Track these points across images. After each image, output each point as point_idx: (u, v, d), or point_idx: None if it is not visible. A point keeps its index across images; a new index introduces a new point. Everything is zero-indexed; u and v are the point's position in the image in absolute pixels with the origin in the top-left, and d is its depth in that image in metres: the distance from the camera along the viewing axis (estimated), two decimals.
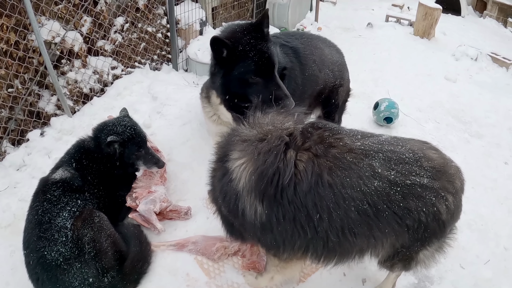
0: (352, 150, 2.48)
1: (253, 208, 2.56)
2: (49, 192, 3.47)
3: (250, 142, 2.59)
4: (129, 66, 6.47)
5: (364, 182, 2.39)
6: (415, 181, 2.42)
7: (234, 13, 9.00)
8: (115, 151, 3.81)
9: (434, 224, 2.54)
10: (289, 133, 2.59)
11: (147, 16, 6.57)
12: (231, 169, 2.62)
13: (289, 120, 2.76)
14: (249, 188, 2.53)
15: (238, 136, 2.70)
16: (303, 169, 2.44)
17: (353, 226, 2.46)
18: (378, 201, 2.40)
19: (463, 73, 8.59)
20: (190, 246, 3.78)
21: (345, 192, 2.39)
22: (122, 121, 3.90)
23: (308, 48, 4.21)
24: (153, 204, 3.87)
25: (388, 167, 2.43)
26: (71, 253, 3.19)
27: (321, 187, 2.39)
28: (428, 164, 2.51)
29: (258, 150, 2.51)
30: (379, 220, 2.45)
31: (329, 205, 2.41)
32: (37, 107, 5.19)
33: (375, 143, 2.54)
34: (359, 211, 2.41)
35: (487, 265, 3.98)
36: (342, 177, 2.40)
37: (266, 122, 2.73)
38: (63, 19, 5.21)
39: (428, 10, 9.90)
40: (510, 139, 6.23)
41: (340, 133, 2.62)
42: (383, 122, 5.94)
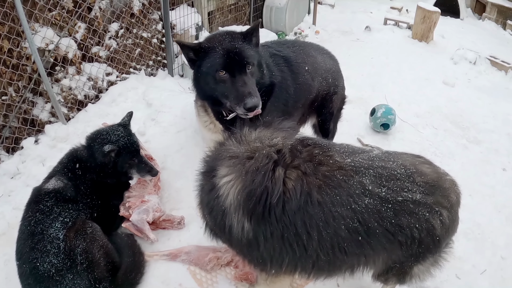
0: (342, 167, 2.46)
1: (240, 225, 2.53)
2: (42, 203, 3.45)
3: (238, 160, 2.56)
4: (124, 72, 6.43)
5: (354, 200, 2.37)
6: (407, 197, 2.41)
7: (231, 17, 8.97)
8: (110, 160, 3.78)
9: (428, 239, 2.52)
10: (277, 149, 2.56)
11: (142, 21, 6.54)
12: (219, 185, 2.58)
13: (277, 135, 2.72)
14: (236, 205, 2.50)
15: (226, 152, 2.66)
16: (292, 188, 2.41)
17: (343, 244, 2.44)
18: (368, 219, 2.38)
19: (462, 77, 8.55)
20: (183, 256, 3.75)
21: (335, 211, 2.37)
22: (116, 130, 3.88)
23: (300, 57, 4.17)
24: (146, 214, 3.84)
25: (379, 184, 2.41)
26: (63, 264, 3.18)
27: (310, 206, 2.37)
28: (421, 179, 2.49)
29: (246, 169, 2.48)
30: (370, 238, 2.43)
31: (319, 224, 2.38)
32: (31, 115, 5.17)
33: (366, 160, 2.52)
34: (350, 229, 2.39)
35: (484, 275, 3.94)
36: (332, 195, 2.38)
37: (254, 138, 2.69)
38: (57, 25, 5.18)
39: (426, 13, 9.86)
40: (509, 145, 6.19)
41: (330, 150, 2.58)
42: (380, 128, 5.89)
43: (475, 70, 8.97)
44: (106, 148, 3.63)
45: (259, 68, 3.61)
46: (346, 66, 4.82)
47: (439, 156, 5.63)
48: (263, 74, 3.65)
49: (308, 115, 4.63)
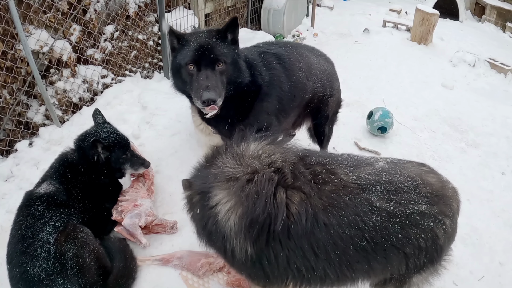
0: (347, 185, 2.40)
1: (243, 250, 2.47)
2: (33, 207, 3.43)
3: (236, 183, 2.44)
4: (119, 75, 6.40)
5: (361, 219, 2.34)
6: (413, 210, 2.40)
7: (228, 20, 8.89)
8: (100, 157, 3.80)
9: (432, 249, 2.51)
10: (276, 168, 2.47)
11: (138, 23, 6.50)
12: (218, 210, 2.48)
13: (276, 151, 2.62)
14: (237, 230, 2.43)
15: (222, 171, 2.53)
16: (296, 212, 2.34)
17: (351, 263, 2.43)
18: (376, 236, 2.36)
19: (460, 80, 8.52)
20: (175, 261, 3.72)
21: (342, 232, 2.33)
22: (103, 128, 3.91)
23: (293, 55, 4.14)
24: (138, 218, 3.80)
25: (387, 198, 2.39)
26: (53, 269, 3.15)
27: (317, 229, 2.33)
28: (426, 190, 2.48)
29: (246, 194, 2.38)
30: (377, 254, 2.41)
31: (327, 246, 2.35)
32: (26, 117, 5.14)
33: (372, 174, 2.47)
34: (357, 248, 2.37)
35: (481, 281, 3.88)
36: (338, 216, 2.33)
37: (252, 155, 2.59)
38: (52, 28, 5.14)
39: (425, 15, 9.84)
40: (508, 148, 6.14)
41: (333, 167, 2.51)
42: (377, 131, 5.84)
43: (474, 73, 8.94)
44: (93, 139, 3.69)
45: (234, 66, 3.60)
46: (343, 69, 4.79)
47: (437, 160, 5.58)
48: (239, 73, 3.64)
49: (304, 118, 4.59)
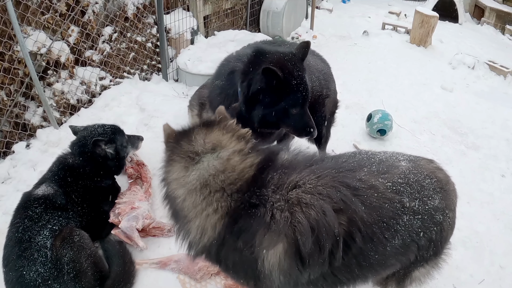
0: (386, 195, 2.40)
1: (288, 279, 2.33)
2: (31, 209, 3.41)
3: (285, 223, 2.21)
4: (117, 77, 6.39)
5: (396, 221, 2.39)
6: (430, 205, 2.50)
7: (227, 22, 8.94)
8: (108, 153, 3.92)
9: (438, 241, 2.61)
10: (323, 196, 2.28)
11: (137, 25, 6.49)
12: (262, 257, 2.25)
13: (305, 172, 2.39)
14: (286, 271, 2.27)
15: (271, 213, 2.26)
16: (347, 234, 2.29)
17: (385, 261, 2.50)
18: (404, 234, 2.42)
19: (460, 82, 8.49)
20: (173, 264, 3.70)
21: (384, 237, 2.36)
22: (92, 129, 4.04)
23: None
24: (135, 221, 3.78)
25: (414, 198, 2.45)
26: (50, 274, 3.13)
27: (365, 245, 2.33)
28: (438, 186, 2.59)
29: (303, 234, 2.19)
30: (403, 249, 2.49)
31: (370, 254, 2.38)
32: (23, 119, 5.13)
33: (402, 178, 2.50)
34: (392, 247, 2.42)
35: (482, 284, 3.85)
36: (380, 225, 2.35)
37: (284, 182, 2.35)
38: (50, 29, 5.13)
39: (424, 17, 9.82)
40: (508, 150, 6.11)
41: (368, 176, 2.44)
42: (377, 134, 5.82)
43: (474, 75, 8.91)
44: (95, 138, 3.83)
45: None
46: (343, 71, 4.77)
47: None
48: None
49: None
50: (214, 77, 3.81)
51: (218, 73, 3.81)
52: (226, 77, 3.54)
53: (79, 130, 4.07)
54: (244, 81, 3.30)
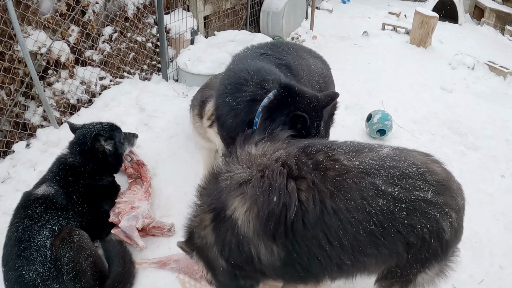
0: (350, 170, 2.40)
1: (269, 250, 2.48)
2: (31, 208, 3.42)
3: (248, 184, 2.46)
4: (117, 77, 6.39)
5: (368, 203, 2.33)
6: (419, 196, 2.37)
7: (227, 22, 8.95)
8: (106, 149, 3.96)
9: (437, 243, 2.48)
10: (283, 162, 2.48)
11: (137, 25, 6.49)
12: (236, 216, 2.47)
13: (279, 148, 2.63)
14: (258, 230, 2.43)
15: (231, 179, 2.54)
16: (305, 199, 2.35)
17: (363, 247, 2.43)
18: (383, 220, 2.35)
19: (460, 83, 8.48)
20: (172, 264, 3.70)
21: (351, 216, 2.34)
22: (94, 124, 4.09)
23: (297, 59, 4.10)
24: (135, 221, 3.78)
25: (392, 183, 2.37)
26: (49, 274, 3.14)
27: (327, 216, 2.34)
28: (432, 178, 2.45)
29: (261, 190, 2.40)
30: (385, 239, 2.40)
31: (338, 232, 2.36)
32: (23, 118, 5.12)
33: (376, 160, 2.45)
34: (367, 232, 2.37)
35: (481, 285, 3.86)
36: (345, 201, 2.34)
37: (257, 155, 2.61)
38: (50, 29, 5.13)
39: (424, 18, 9.83)
40: (507, 151, 6.11)
41: (334, 153, 2.50)
42: (376, 134, 5.82)
43: (474, 76, 8.90)
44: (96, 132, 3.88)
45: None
46: (342, 72, 4.76)
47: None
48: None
49: None
50: (223, 90, 3.61)
51: (228, 88, 3.58)
52: (245, 103, 3.40)
53: (77, 127, 4.07)
54: (267, 119, 3.26)
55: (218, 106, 3.60)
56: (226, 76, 3.61)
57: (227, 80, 3.54)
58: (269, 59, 3.91)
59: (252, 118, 3.33)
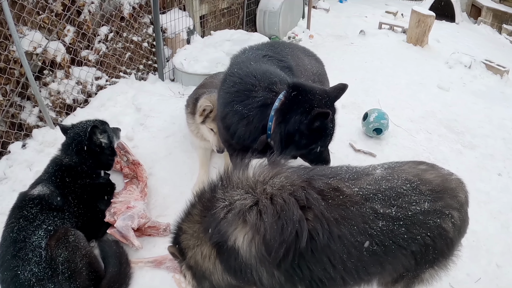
0: (352, 198, 2.47)
1: (270, 274, 2.51)
2: (26, 209, 3.42)
3: (251, 211, 2.43)
4: (113, 76, 6.38)
5: (370, 226, 2.41)
6: (415, 210, 2.47)
7: (224, 21, 8.94)
8: (102, 142, 4.04)
9: (441, 243, 2.58)
10: (290, 192, 2.47)
11: (133, 25, 6.49)
12: (237, 246, 2.46)
13: (278, 174, 2.61)
14: (262, 258, 2.44)
15: (231, 207, 2.48)
16: (312, 228, 2.39)
17: (366, 267, 2.51)
18: (384, 239, 2.43)
19: (457, 82, 8.48)
20: (168, 263, 3.70)
21: (355, 240, 2.41)
22: (84, 122, 4.16)
23: (295, 60, 4.11)
24: (131, 220, 3.77)
25: (389, 204, 2.46)
26: (44, 274, 3.13)
27: (332, 242, 2.39)
28: (426, 188, 2.55)
29: (273, 219, 2.38)
30: (387, 255, 2.49)
31: (342, 256, 2.43)
32: (19, 119, 5.11)
33: (372, 184, 2.54)
34: (370, 253, 2.44)
35: (478, 283, 3.86)
36: (349, 226, 2.41)
37: (256, 180, 2.57)
38: (46, 29, 5.12)
39: (421, 17, 9.82)
40: (504, 149, 6.11)
41: (336, 183, 2.55)
42: (373, 133, 5.81)
43: (470, 74, 8.90)
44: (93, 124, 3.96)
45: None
46: (339, 71, 4.76)
47: (433, 161, 5.48)
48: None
49: None
50: (231, 98, 3.49)
51: (236, 95, 3.47)
52: (257, 109, 3.35)
53: (68, 128, 4.09)
54: (281, 122, 3.23)
55: (227, 115, 3.51)
56: (231, 83, 3.51)
57: (234, 87, 3.47)
58: (272, 61, 3.87)
59: (265, 124, 3.30)
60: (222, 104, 3.56)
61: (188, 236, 2.75)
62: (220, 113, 3.63)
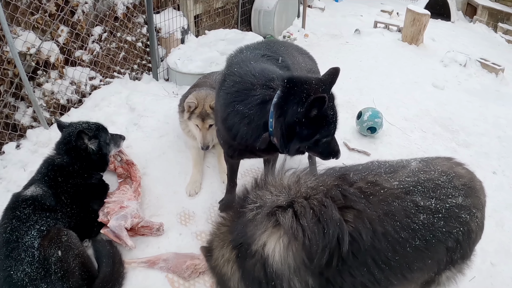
0: (393, 192, 2.40)
1: (302, 285, 2.33)
2: (19, 209, 3.41)
3: (286, 214, 2.27)
4: (107, 77, 6.37)
5: (412, 220, 2.34)
6: (452, 203, 2.42)
7: (218, 21, 8.93)
8: (90, 148, 3.96)
9: (466, 243, 2.55)
10: (324, 193, 2.36)
11: (127, 25, 6.48)
12: (267, 253, 2.28)
13: (309, 176, 2.52)
14: (297, 267, 2.27)
15: (261, 208, 2.35)
16: (353, 229, 2.28)
17: (410, 264, 2.42)
18: (426, 233, 2.36)
19: (452, 80, 8.49)
20: (161, 263, 3.68)
21: (399, 236, 2.32)
22: (81, 123, 4.09)
23: (290, 58, 4.07)
24: (124, 220, 3.75)
25: (428, 196, 2.40)
26: (37, 274, 3.11)
27: (376, 241, 2.29)
28: (459, 182, 2.51)
29: (312, 222, 2.24)
30: (429, 250, 2.42)
31: (387, 254, 2.33)
32: (13, 119, 5.09)
33: (411, 176, 2.48)
34: (414, 249, 2.36)
35: (472, 282, 3.85)
36: (392, 222, 2.32)
37: (290, 181, 2.48)
38: (39, 29, 5.11)
39: (416, 15, 9.84)
40: (499, 148, 6.12)
41: (374, 178, 2.47)
42: (367, 132, 5.81)
43: (466, 73, 8.91)
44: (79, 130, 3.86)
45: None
46: None
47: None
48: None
49: None
50: (231, 98, 3.43)
51: (236, 96, 3.40)
52: (257, 107, 3.28)
53: (65, 125, 4.07)
54: (280, 116, 3.16)
55: (228, 116, 3.43)
56: (231, 82, 3.44)
57: (234, 87, 3.40)
58: (271, 60, 3.82)
59: (266, 121, 3.25)
60: (223, 105, 3.48)
61: (217, 238, 2.64)
62: (221, 115, 3.54)
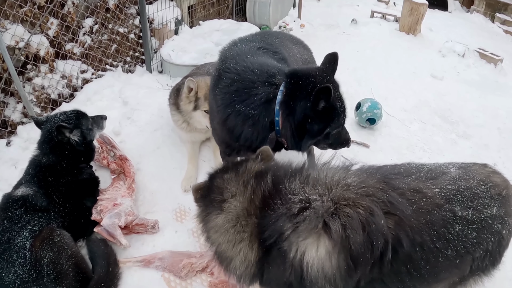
0: (434, 200, 2.35)
1: None
2: (10, 210, 3.35)
3: (334, 222, 2.14)
4: (99, 69, 6.26)
5: (448, 230, 2.31)
6: (487, 214, 2.41)
7: (213, 11, 8.82)
8: (73, 141, 3.84)
9: (496, 251, 2.53)
10: (368, 195, 2.26)
11: (118, 16, 6.35)
12: (306, 261, 2.14)
13: (348, 175, 2.39)
14: (332, 275, 2.15)
15: (311, 212, 2.18)
16: (394, 237, 2.22)
17: (437, 274, 2.39)
18: (458, 244, 2.34)
19: (450, 70, 8.40)
20: (157, 262, 3.61)
21: (434, 247, 2.29)
22: (54, 118, 3.92)
23: (285, 50, 3.98)
24: (117, 218, 3.67)
25: (466, 206, 2.37)
26: (29, 276, 3.04)
27: (414, 251, 2.26)
28: (495, 192, 2.49)
29: (358, 229, 2.13)
30: (457, 261, 2.39)
31: (420, 263, 2.30)
32: (3, 116, 4.99)
33: (452, 184, 2.44)
34: (445, 259, 2.33)
35: None
36: (429, 232, 2.28)
37: (331, 181, 2.33)
38: (28, 22, 4.98)
39: (413, 5, 9.72)
40: (499, 139, 6.05)
41: (414, 181, 2.42)
42: (366, 123, 5.74)
43: (464, 63, 8.81)
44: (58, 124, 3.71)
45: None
46: None
47: (427, 151, 5.47)
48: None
49: None
50: (231, 98, 3.28)
51: (236, 95, 3.26)
52: (261, 107, 3.17)
53: (42, 121, 3.94)
54: (289, 114, 3.08)
55: (228, 117, 3.30)
56: (229, 80, 3.29)
57: (233, 85, 3.26)
58: (267, 53, 3.71)
59: (272, 120, 3.15)
60: (221, 106, 3.33)
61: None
62: (220, 116, 3.39)
